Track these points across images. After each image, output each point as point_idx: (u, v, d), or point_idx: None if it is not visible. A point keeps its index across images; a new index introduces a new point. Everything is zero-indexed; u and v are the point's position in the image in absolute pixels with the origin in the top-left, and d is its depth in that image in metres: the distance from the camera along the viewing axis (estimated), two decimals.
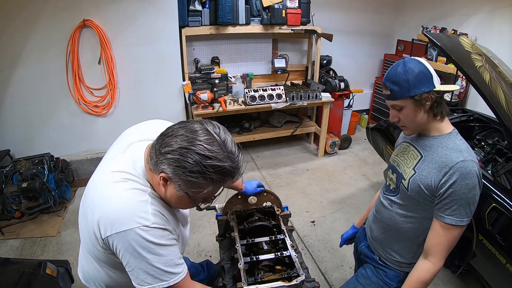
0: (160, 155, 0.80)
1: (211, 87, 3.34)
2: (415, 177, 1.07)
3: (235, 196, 1.61)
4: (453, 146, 1.02)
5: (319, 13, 3.67)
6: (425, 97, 0.98)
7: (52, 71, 2.84)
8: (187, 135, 0.78)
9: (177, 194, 0.84)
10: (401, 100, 1.00)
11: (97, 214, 0.84)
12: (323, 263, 2.31)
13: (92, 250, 0.95)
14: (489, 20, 3.31)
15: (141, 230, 0.81)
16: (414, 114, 1.02)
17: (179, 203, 0.89)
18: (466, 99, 3.61)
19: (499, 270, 1.62)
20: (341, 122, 4.03)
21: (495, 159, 2.06)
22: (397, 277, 1.24)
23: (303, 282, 1.18)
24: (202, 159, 0.76)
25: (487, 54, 1.96)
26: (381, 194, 1.28)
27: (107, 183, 0.87)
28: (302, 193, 3.14)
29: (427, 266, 1.04)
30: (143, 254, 0.82)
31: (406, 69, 0.98)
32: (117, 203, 0.83)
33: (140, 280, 0.86)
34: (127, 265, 0.85)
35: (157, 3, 2.89)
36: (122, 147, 0.98)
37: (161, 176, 0.82)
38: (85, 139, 3.16)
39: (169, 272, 0.86)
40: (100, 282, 1.07)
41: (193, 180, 0.79)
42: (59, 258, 2.21)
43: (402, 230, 1.17)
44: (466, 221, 0.99)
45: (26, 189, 2.54)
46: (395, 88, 1.00)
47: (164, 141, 0.80)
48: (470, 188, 0.96)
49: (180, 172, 0.78)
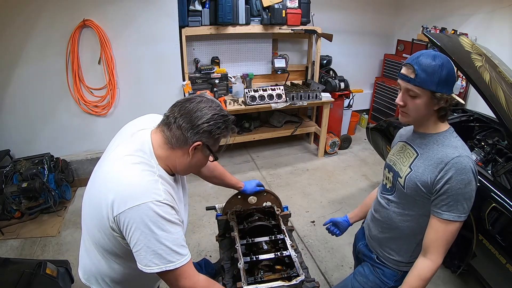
0: (194, 127, 0.92)
1: (211, 87, 3.34)
2: (411, 175, 1.08)
3: (235, 196, 1.62)
4: (449, 143, 1.04)
5: (319, 13, 3.67)
6: (445, 98, 0.99)
7: (52, 71, 2.84)
8: (211, 105, 0.95)
9: (203, 156, 0.99)
10: (421, 89, 0.98)
11: (112, 195, 0.87)
12: (323, 263, 2.31)
13: (97, 238, 0.97)
14: (489, 20, 3.31)
15: (153, 205, 0.86)
16: (425, 108, 1.02)
17: (199, 165, 1.02)
18: (466, 99, 3.61)
19: (499, 270, 1.62)
20: (341, 122, 4.04)
21: (495, 159, 2.06)
22: (395, 276, 1.24)
23: (303, 282, 1.19)
24: (224, 117, 0.96)
25: (487, 54, 1.96)
26: (378, 193, 1.29)
27: (121, 166, 0.92)
28: (302, 193, 3.14)
29: (426, 264, 1.04)
30: (153, 229, 0.86)
31: (442, 64, 0.97)
32: (131, 182, 0.88)
33: (148, 260, 0.88)
34: (135, 244, 0.87)
35: (157, 3, 2.89)
36: (126, 137, 1.03)
37: (195, 145, 0.93)
38: (85, 139, 3.16)
39: (176, 252, 0.90)
40: (102, 276, 1.08)
41: (221, 136, 0.97)
42: (59, 258, 2.21)
43: (399, 229, 1.17)
44: (463, 217, 1.00)
45: (26, 189, 2.54)
46: (423, 75, 0.97)
47: (193, 119, 0.92)
48: (466, 183, 0.97)
49: (216, 133, 0.94)
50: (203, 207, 2.06)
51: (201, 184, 3.04)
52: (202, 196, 3.02)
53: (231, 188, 1.60)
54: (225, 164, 3.63)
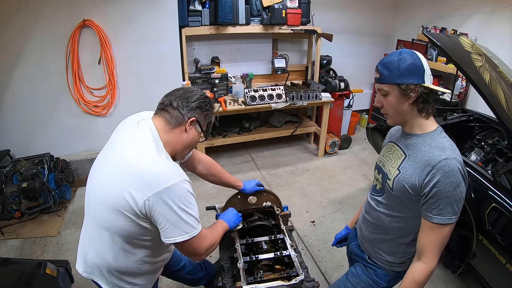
0: (188, 105, 1.09)
1: (211, 87, 3.34)
2: (399, 177, 1.07)
3: (235, 196, 1.62)
4: (436, 144, 1.02)
5: (319, 13, 3.67)
6: (411, 88, 0.99)
7: (52, 71, 2.83)
8: (198, 89, 1.18)
9: (196, 133, 1.14)
10: (388, 85, 1.03)
11: (141, 180, 0.97)
12: (323, 263, 2.31)
13: (113, 223, 1.02)
14: (489, 20, 3.31)
15: (182, 183, 1.01)
16: (398, 103, 1.03)
17: (194, 141, 1.16)
18: (466, 99, 3.61)
19: (499, 270, 1.62)
20: (341, 122, 4.04)
21: (495, 159, 2.06)
22: (387, 276, 1.24)
23: (302, 281, 1.19)
24: (208, 98, 1.16)
25: (487, 54, 1.96)
26: (368, 194, 1.29)
27: (143, 153, 1.02)
28: (302, 193, 3.14)
29: (420, 267, 1.04)
30: (185, 204, 1.00)
31: (401, 57, 1.00)
32: (158, 166, 1.00)
33: (181, 231, 1.01)
34: (168, 220, 0.98)
35: (157, 3, 2.89)
36: (130, 127, 1.12)
37: (191, 120, 1.09)
38: (85, 139, 3.16)
39: (198, 220, 1.07)
40: (108, 267, 1.10)
41: (208, 113, 1.15)
42: (59, 258, 2.21)
43: (389, 230, 1.17)
44: (454, 219, 0.99)
45: (26, 189, 2.54)
46: (385, 72, 1.02)
47: (186, 98, 1.10)
48: (455, 186, 0.96)
49: (204, 109, 1.13)
50: (203, 207, 2.05)
51: (201, 184, 3.04)
52: (202, 196, 3.02)
53: (230, 187, 1.60)
54: (225, 164, 3.63)
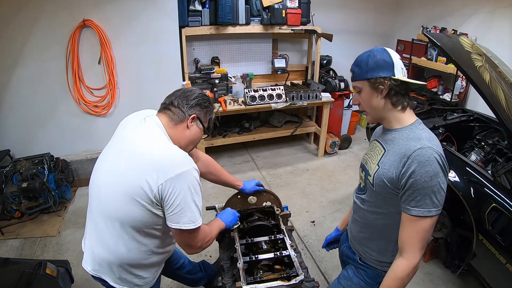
0: (188, 102, 1.16)
1: (211, 87, 3.34)
2: (378, 172, 1.06)
3: (235, 196, 1.62)
4: (413, 136, 1.01)
5: (319, 13, 3.67)
6: (380, 81, 1.01)
7: (52, 71, 2.84)
8: (196, 88, 1.24)
9: (198, 129, 1.20)
10: (359, 81, 1.06)
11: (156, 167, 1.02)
12: (323, 263, 2.31)
13: (127, 213, 1.05)
14: (489, 20, 3.31)
15: (194, 171, 1.06)
16: (370, 98, 1.05)
17: (197, 137, 1.22)
18: (466, 99, 3.61)
19: (499, 270, 1.62)
20: (341, 122, 4.03)
21: (495, 159, 2.06)
22: (378, 277, 1.22)
23: (302, 281, 1.19)
24: (206, 95, 1.23)
25: (487, 54, 1.96)
26: (354, 194, 1.28)
27: (156, 143, 1.08)
28: (302, 193, 3.14)
29: (401, 263, 1.02)
30: (193, 192, 1.06)
31: (370, 54, 1.04)
32: (173, 154, 1.06)
33: (187, 218, 1.05)
34: (178, 205, 1.03)
35: (157, 3, 2.89)
36: (135, 123, 1.17)
37: (192, 116, 1.16)
38: (85, 139, 3.16)
39: (201, 213, 1.11)
40: (119, 261, 1.11)
41: (208, 110, 1.22)
42: (59, 258, 2.21)
43: (376, 228, 1.16)
44: (434, 211, 0.96)
45: (26, 189, 2.54)
46: (356, 69, 1.07)
47: (186, 96, 1.17)
48: (432, 175, 0.94)
49: (204, 106, 1.19)
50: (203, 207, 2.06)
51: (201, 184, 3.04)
52: (202, 196, 2.97)
53: (229, 186, 1.60)
54: (225, 164, 3.63)
